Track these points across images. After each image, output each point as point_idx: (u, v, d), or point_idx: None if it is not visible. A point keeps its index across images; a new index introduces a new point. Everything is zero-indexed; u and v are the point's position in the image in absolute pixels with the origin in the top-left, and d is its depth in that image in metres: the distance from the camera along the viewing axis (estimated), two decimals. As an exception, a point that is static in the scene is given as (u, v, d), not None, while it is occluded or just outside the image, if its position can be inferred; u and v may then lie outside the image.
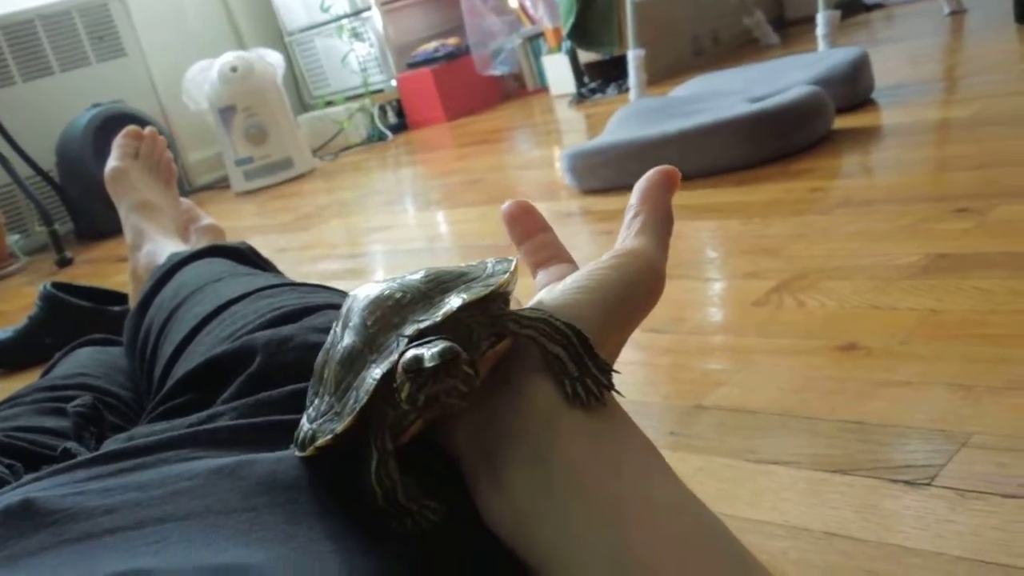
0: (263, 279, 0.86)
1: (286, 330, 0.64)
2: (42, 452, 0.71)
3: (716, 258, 1.39)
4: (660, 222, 0.50)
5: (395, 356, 0.41)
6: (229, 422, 0.54)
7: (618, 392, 0.43)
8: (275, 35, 4.28)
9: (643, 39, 2.78)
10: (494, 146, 3.08)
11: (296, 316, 0.68)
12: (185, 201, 1.67)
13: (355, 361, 0.44)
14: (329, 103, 4.08)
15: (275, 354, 0.61)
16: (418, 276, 0.46)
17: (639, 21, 2.76)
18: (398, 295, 0.44)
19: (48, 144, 3.54)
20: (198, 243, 1.61)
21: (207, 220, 1.67)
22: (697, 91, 2.23)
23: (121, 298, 2.00)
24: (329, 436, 0.43)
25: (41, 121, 3.59)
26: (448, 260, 1.87)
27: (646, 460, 0.42)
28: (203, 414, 0.57)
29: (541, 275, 0.54)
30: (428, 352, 0.38)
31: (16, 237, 3.50)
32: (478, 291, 0.43)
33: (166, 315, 0.88)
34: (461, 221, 2.18)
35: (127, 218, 1.51)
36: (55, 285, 1.98)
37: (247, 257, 1.10)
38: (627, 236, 0.49)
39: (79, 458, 0.54)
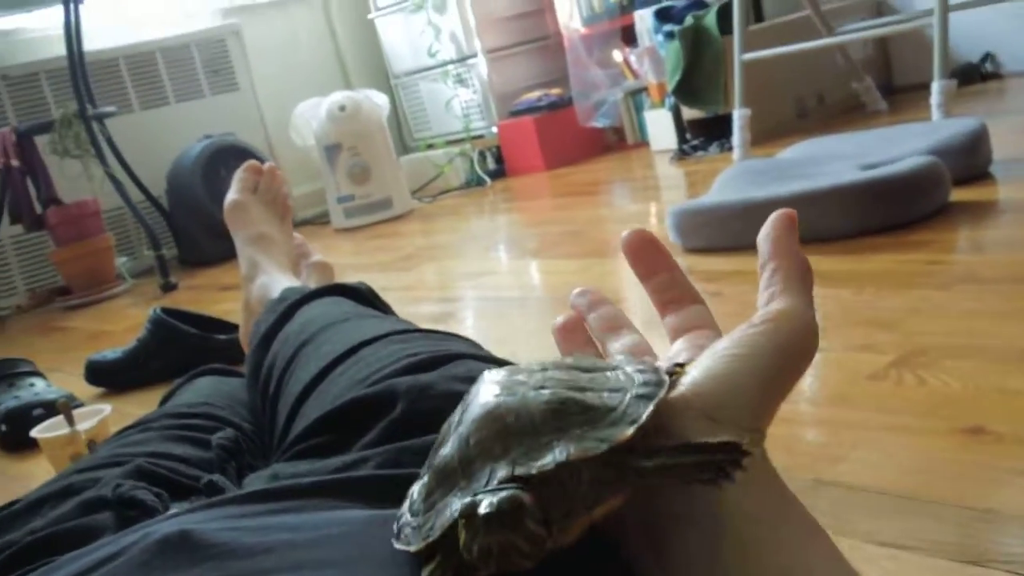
0: (390, 323, 0.87)
1: (426, 378, 0.64)
2: (181, 481, 0.73)
3: (827, 328, 1.37)
4: (802, 275, 0.48)
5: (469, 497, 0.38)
6: (375, 471, 0.55)
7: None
8: (381, 77, 4.38)
9: (748, 98, 2.77)
10: (593, 198, 3.09)
11: (430, 364, 0.69)
12: (297, 236, 1.71)
13: (447, 478, 0.41)
14: (430, 146, 4.14)
15: (416, 401, 0.62)
16: (543, 395, 0.41)
17: (745, 80, 2.75)
18: (510, 419, 0.40)
19: (159, 172, 3.66)
20: (308, 278, 1.64)
21: (317, 256, 1.71)
22: (806, 154, 2.20)
23: (226, 327, 2.05)
24: (409, 547, 0.41)
25: (154, 149, 3.72)
26: (543, 311, 1.87)
27: (807, 534, 0.42)
28: (348, 459, 0.58)
29: (671, 318, 0.52)
30: (487, 500, 0.36)
31: (123, 259, 3.62)
32: (591, 447, 0.38)
33: (292, 351, 0.89)
34: (558, 272, 2.18)
35: (243, 250, 1.55)
36: (164, 310, 2.04)
37: (367, 298, 1.12)
38: (772, 294, 0.47)
39: (231, 494, 0.55)
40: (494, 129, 4.01)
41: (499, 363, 0.69)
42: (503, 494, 0.36)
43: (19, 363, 1.96)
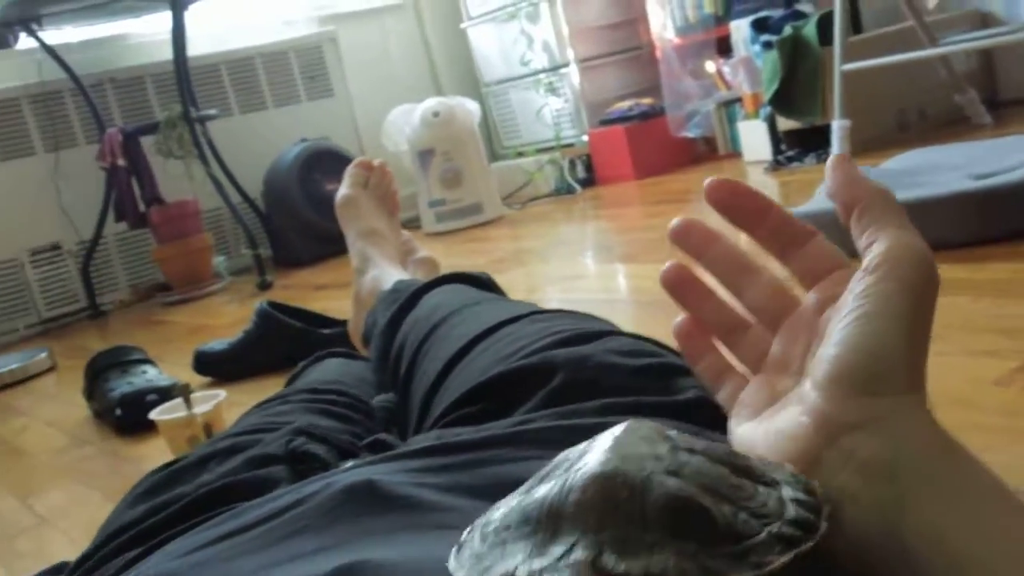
0: (524, 305, 0.88)
1: (584, 349, 0.65)
2: (341, 445, 0.75)
3: (947, 334, 1.35)
4: (890, 204, 0.45)
5: None
6: (548, 423, 0.56)
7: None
8: (472, 85, 4.43)
9: (847, 110, 2.74)
10: (685, 206, 3.08)
11: (581, 339, 0.70)
12: (404, 233, 1.74)
13: (528, 522, 0.37)
14: (520, 154, 4.17)
15: (576, 371, 0.63)
16: (671, 484, 0.36)
17: (845, 91, 2.72)
18: (622, 494, 0.35)
19: (256, 174, 3.75)
20: (415, 274, 1.67)
21: (424, 253, 1.73)
22: (912, 164, 2.17)
23: (329, 322, 2.09)
24: (457, 573, 0.38)
25: (252, 152, 3.82)
26: (632, 315, 1.87)
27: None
28: (513, 419, 0.59)
29: (795, 263, 0.48)
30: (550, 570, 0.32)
31: (220, 259, 3.71)
32: (690, 572, 0.34)
33: (424, 332, 0.91)
34: (647, 276, 2.18)
35: (354, 244, 1.58)
36: (270, 304, 2.09)
37: (488, 286, 1.14)
38: (871, 236, 0.44)
39: (407, 448, 0.56)
40: (584, 138, 4.02)
41: (646, 340, 0.70)
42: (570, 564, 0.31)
43: (131, 351, 2.03)
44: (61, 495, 1.60)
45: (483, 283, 1.14)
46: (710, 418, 0.56)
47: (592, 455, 0.37)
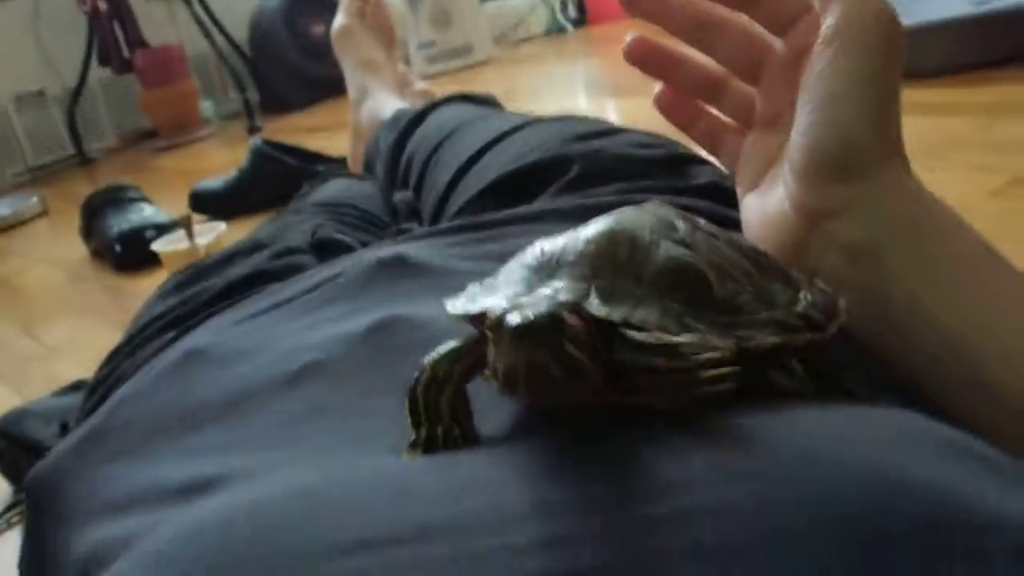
0: (533, 117, 0.88)
1: (599, 142, 0.66)
2: (363, 243, 0.76)
3: (942, 152, 1.36)
4: None
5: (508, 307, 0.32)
6: (571, 202, 0.58)
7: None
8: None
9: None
10: (679, 42, 3.03)
11: (589, 136, 0.70)
12: (401, 65, 1.72)
13: (527, 268, 0.37)
14: (510, -6, 4.07)
15: (592, 162, 0.64)
16: (676, 252, 0.36)
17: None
18: (623, 250, 0.35)
19: (240, 18, 3.65)
20: (413, 105, 1.66)
21: (421, 85, 1.71)
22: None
23: (324, 159, 2.08)
24: (450, 308, 0.38)
25: (234, -6, 3.70)
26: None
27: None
28: (533, 205, 0.61)
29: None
30: (522, 312, 0.30)
31: (207, 103, 3.66)
32: (669, 327, 0.33)
33: (433, 145, 0.92)
34: (640, 111, 2.16)
35: (352, 75, 1.57)
36: (265, 142, 2.08)
37: (492, 105, 1.14)
38: (824, 8, 0.42)
39: (437, 227, 0.58)
40: (576, -24, 3.91)
41: (658, 136, 0.70)
42: (544, 308, 0.30)
43: (127, 189, 2.02)
44: (66, 327, 1.63)
45: (487, 102, 1.14)
46: (725, 203, 0.57)
47: (607, 217, 0.38)
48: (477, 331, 0.36)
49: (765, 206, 0.46)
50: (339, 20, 1.57)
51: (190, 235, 1.52)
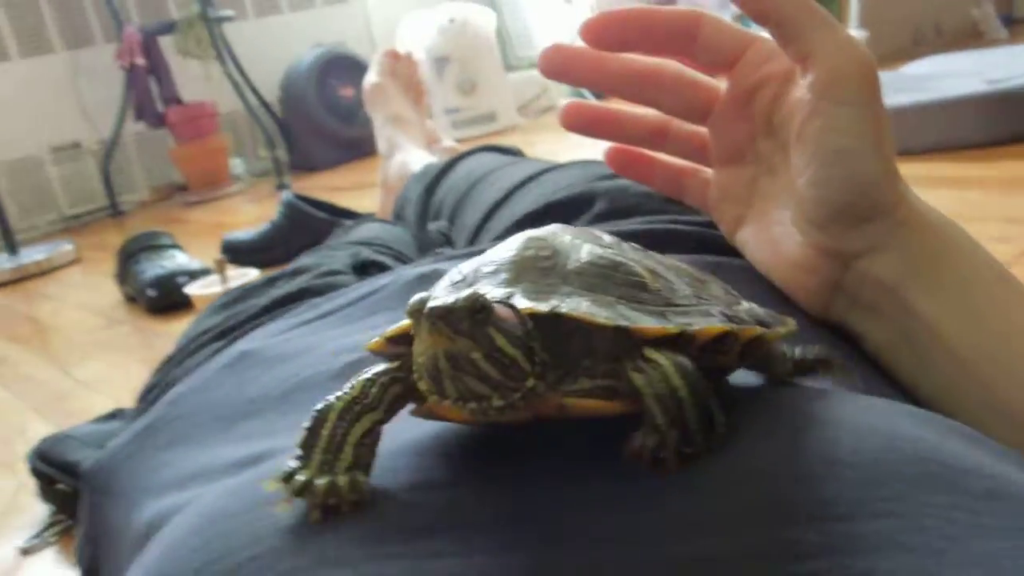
0: (559, 163, 0.93)
1: (624, 182, 0.71)
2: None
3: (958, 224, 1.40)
4: (803, 5, 0.42)
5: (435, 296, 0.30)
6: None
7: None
8: (489, -7, 4.41)
9: (863, 21, 2.75)
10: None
11: (615, 177, 0.74)
12: (429, 122, 1.78)
13: (453, 288, 0.34)
14: (534, 65, 4.17)
15: (616, 199, 0.68)
16: (599, 252, 0.34)
17: (862, 2, 2.73)
18: (544, 253, 0.34)
19: (271, 77, 3.76)
20: (441, 159, 1.72)
21: (448, 142, 1.78)
22: (929, 70, 2.20)
23: (353, 215, 2.14)
24: (377, 338, 0.35)
25: (267, 56, 3.82)
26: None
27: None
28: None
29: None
30: (445, 297, 0.29)
31: (237, 161, 3.75)
32: (605, 315, 0.31)
33: (463, 189, 0.97)
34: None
35: (382, 129, 1.63)
36: (297, 196, 2.14)
37: (521, 155, 1.19)
38: (802, 47, 0.42)
39: (473, 248, 0.62)
40: (599, 49, 4.02)
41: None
42: (463, 292, 0.29)
43: (162, 235, 2.09)
44: (99, 364, 1.68)
45: (513, 152, 1.20)
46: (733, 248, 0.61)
47: (524, 232, 0.36)
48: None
49: (782, 251, 0.48)
50: (371, 76, 1.64)
51: (223, 279, 1.57)
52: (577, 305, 0.31)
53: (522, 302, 0.31)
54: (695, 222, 0.63)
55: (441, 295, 0.30)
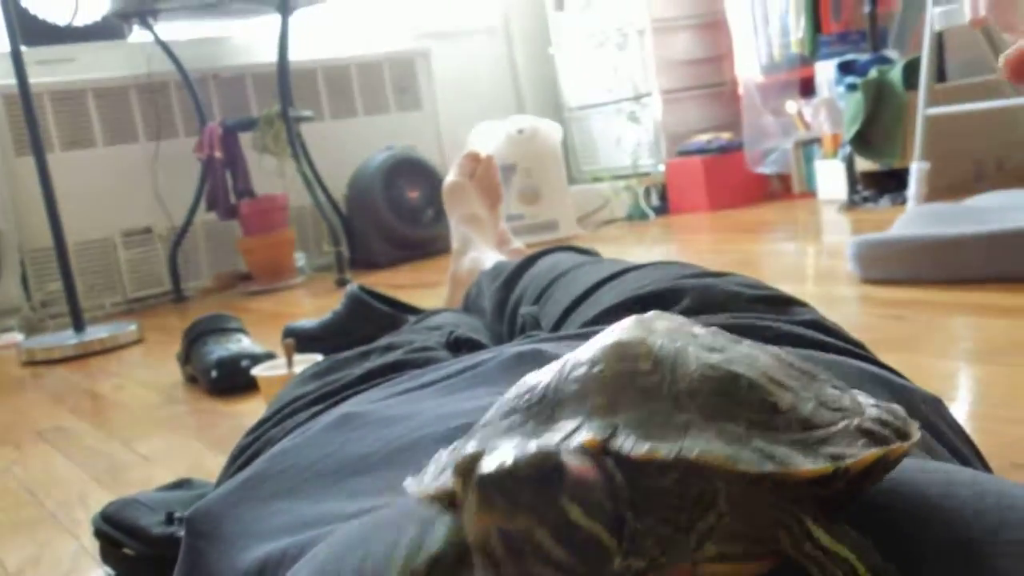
0: (644, 262, 0.96)
1: (710, 280, 0.73)
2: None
3: (1020, 352, 1.40)
4: None
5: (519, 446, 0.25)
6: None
7: None
8: (555, 108, 4.54)
9: (926, 155, 2.78)
10: (757, 235, 3.15)
11: (702, 276, 0.77)
12: (502, 223, 1.83)
13: (519, 411, 0.29)
14: (597, 179, 4.26)
15: (703, 295, 0.70)
16: (712, 358, 0.28)
17: (926, 136, 2.77)
18: (644, 366, 0.28)
19: (340, 177, 3.88)
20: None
21: (517, 244, 1.82)
22: (992, 203, 2.22)
23: (416, 311, 2.18)
24: (412, 490, 0.31)
25: (339, 156, 3.95)
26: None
27: None
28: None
29: None
30: (504, 455, 0.23)
31: (300, 254, 3.84)
32: (746, 459, 0.25)
33: (546, 282, 0.99)
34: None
35: (457, 227, 1.68)
36: (361, 288, 2.19)
37: (599, 257, 1.22)
38: None
39: (568, 331, 0.64)
40: (661, 167, 4.10)
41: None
42: (533, 449, 0.23)
43: (229, 319, 2.14)
44: (162, 441, 1.71)
45: (592, 254, 1.23)
46: (820, 342, 0.63)
47: (606, 332, 0.30)
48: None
49: None
50: (451, 176, 1.70)
51: (290, 362, 1.60)
52: (708, 446, 0.24)
53: (634, 445, 0.24)
54: (777, 319, 0.65)
55: (500, 440, 0.25)
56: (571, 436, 0.26)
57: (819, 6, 3.72)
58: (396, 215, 3.75)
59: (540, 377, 0.30)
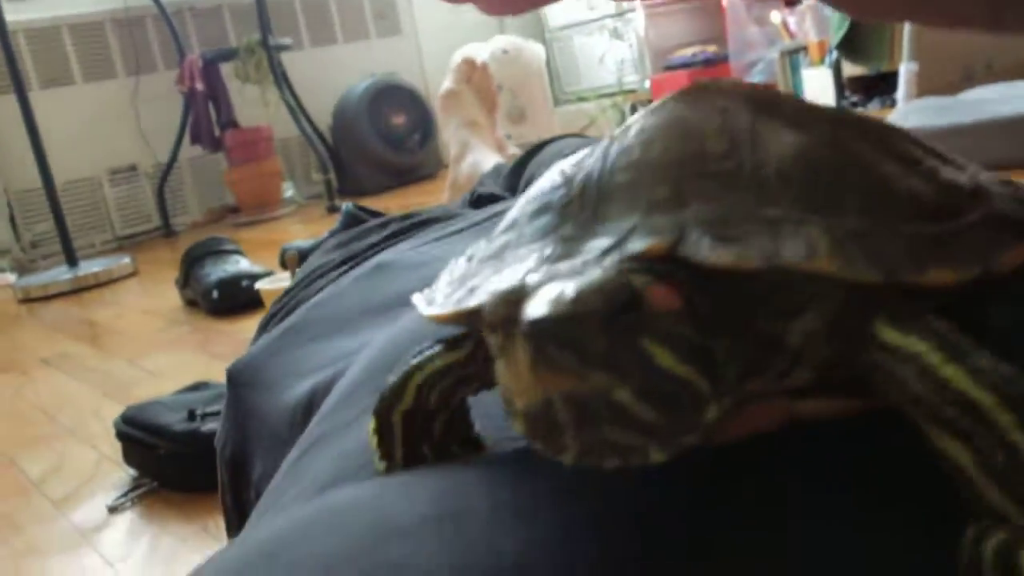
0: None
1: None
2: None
3: None
4: None
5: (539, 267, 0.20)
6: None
7: None
8: (537, 29, 4.49)
9: (914, 56, 2.77)
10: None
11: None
12: (499, 130, 1.82)
13: (554, 209, 0.23)
14: (582, 99, 4.23)
15: None
16: (801, 139, 0.22)
17: (914, 37, 2.76)
18: (715, 146, 0.22)
19: (323, 106, 3.84)
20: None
21: (515, 150, 1.82)
22: (988, 95, 2.22)
23: (411, 224, 2.19)
24: (426, 310, 0.26)
25: (321, 84, 3.90)
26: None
27: None
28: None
29: None
30: (550, 292, 0.17)
31: (287, 184, 3.82)
32: (869, 265, 0.19)
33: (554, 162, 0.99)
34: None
35: (455, 132, 1.67)
36: (356, 206, 2.18)
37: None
38: None
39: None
40: (647, 84, 4.07)
41: None
42: (601, 275, 0.18)
43: (225, 241, 2.14)
44: (167, 359, 1.71)
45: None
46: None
47: (656, 107, 0.25)
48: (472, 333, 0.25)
49: None
50: (447, 84, 1.69)
51: (293, 274, 1.60)
52: (811, 247, 0.19)
53: (714, 251, 0.19)
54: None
55: (542, 256, 0.20)
56: (625, 242, 0.20)
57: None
58: (382, 141, 3.73)
59: (578, 165, 0.24)
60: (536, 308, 0.17)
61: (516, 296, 0.18)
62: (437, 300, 0.26)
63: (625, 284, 0.17)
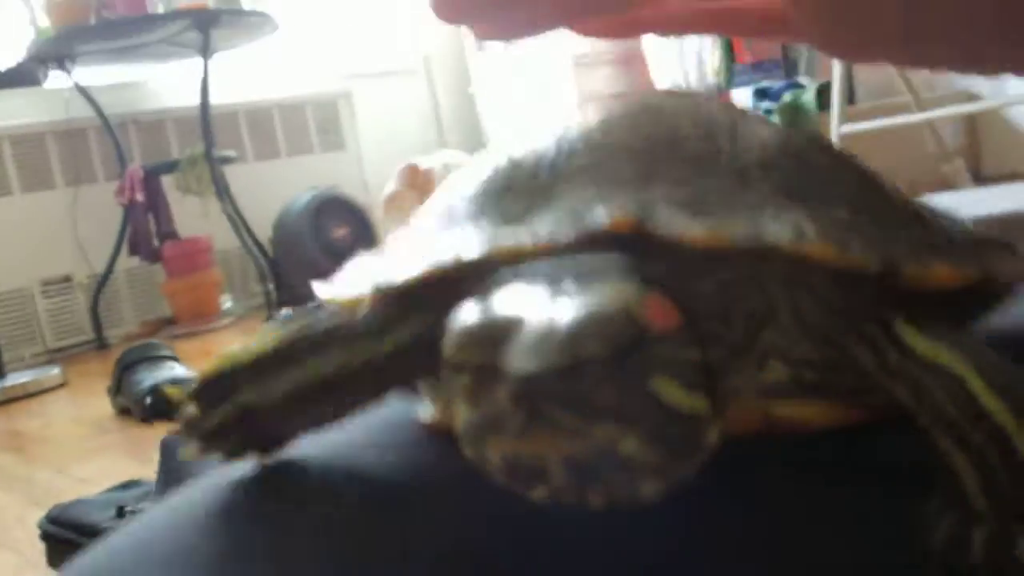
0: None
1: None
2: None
3: None
4: None
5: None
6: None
7: None
8: (477, 145, 4.58)
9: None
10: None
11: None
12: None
13: (502, 190, 0.22)
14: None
15: None
16: (772, 134, 0.21)
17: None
18: (686, 128, 0.20)
19: (264, 219, 3.84)
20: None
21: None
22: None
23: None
24: (377, 285, 0.23)
25: (263, 197, 3.91)
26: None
27: None
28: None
29: None
30: (552, 331, 0.15)
31: (226, 296, 3.79)
32: (856, 248, 0.18)
33: None
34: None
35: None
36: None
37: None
38: None
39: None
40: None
41: None
42: (593, 301, 0.15)
43: (159, 347, 2.12)
44: (96, 465, 1.66)
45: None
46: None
47: (621, 103, 0.22)
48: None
49: None
50: (390, 187, 1.71)
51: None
52: (800, 227, 0.17)
53: (688, 224, 0.17)
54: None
55: (488, 237, 0.18)
56: (584, 211, 0.17)
57: (733, 39, 3.85)
58: (324, 253, 3.73)
59: (528, 149, 0.21)
60: (526, 359, 0.13)
61: (490, 333, 0.15)
62: (338, 288, 0.22)
63: (624, 312, 0.14)
